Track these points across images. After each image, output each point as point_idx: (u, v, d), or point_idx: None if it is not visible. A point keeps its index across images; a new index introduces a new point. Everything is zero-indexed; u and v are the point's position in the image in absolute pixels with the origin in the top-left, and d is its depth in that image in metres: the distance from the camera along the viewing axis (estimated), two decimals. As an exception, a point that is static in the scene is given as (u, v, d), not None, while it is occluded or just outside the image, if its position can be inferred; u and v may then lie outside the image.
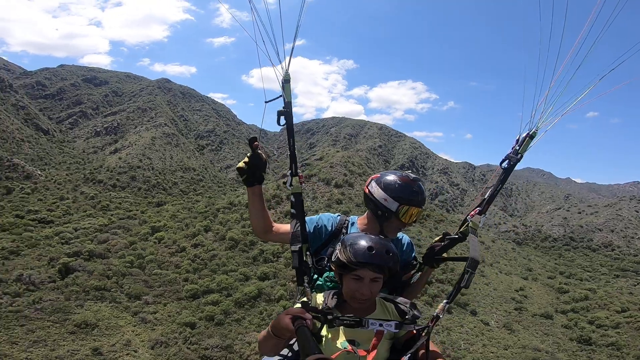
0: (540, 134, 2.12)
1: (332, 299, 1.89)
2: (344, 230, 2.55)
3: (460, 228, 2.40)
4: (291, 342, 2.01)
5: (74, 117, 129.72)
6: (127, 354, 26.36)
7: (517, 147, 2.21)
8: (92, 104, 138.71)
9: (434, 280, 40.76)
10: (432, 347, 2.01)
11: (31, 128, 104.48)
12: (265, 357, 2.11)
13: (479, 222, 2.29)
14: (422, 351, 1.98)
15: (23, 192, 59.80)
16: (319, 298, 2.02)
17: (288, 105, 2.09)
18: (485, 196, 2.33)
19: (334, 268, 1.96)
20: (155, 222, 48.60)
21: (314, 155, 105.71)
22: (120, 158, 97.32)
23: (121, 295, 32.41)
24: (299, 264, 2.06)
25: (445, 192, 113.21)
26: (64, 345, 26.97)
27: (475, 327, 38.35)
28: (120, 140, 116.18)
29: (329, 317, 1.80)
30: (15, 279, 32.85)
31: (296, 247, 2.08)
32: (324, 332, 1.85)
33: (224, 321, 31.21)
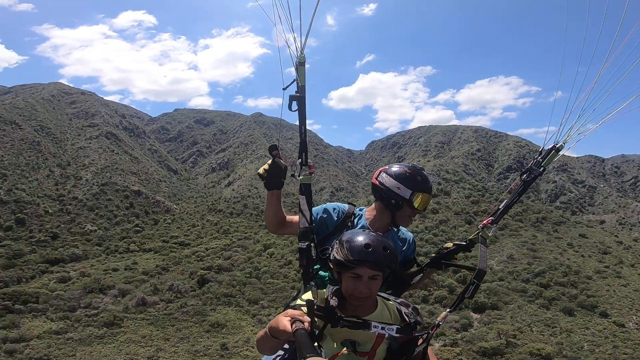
0: (566, 148, 2.01)
1: (333, 297, 1.86)
2: (351, 220, 2.56)
3: (471, 236, 2.40)
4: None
5: (193, 156, 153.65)
6: (247, 350, 30.94)
7: (540, 160, 2.15)
8: (205, 143, 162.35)
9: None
10: (430, 354, 2.04)
11: (164, 169, 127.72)
12: (265, 356, 2.09)
13: (490, 232, 2.24)
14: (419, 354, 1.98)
15: (166, 222, 74.40)
16: (322, 294, 1.97)
17: (301, 90, 2.03)
18: (501, 206, 2.27)
19: (332, 266, 1.92)
20: (266, 241, 55.65)
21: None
22: (233, 189, 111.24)
23: (243, 300, 38.37)
24: (307, 262, 2.04)
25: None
26: (201, 341, 32.83)
27: (604, 328, 35.37)
28: (231, 174, 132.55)
29: (334, 317, 1.78)
30: (167, 288, 41.48)
31: (304, 245, 2.05)
32: (326, 330, 1.81)
33: None
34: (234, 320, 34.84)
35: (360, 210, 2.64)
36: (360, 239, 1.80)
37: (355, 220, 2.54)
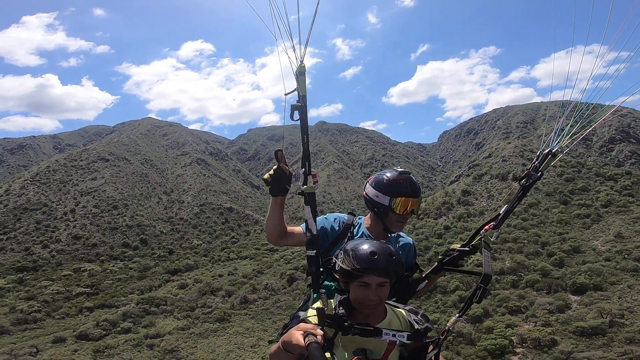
0: (563, 152, 2.04)
1: (340, 306, 1.83)
2: (351, 230, 2.56)
3: (472, 240, 2.43)
4: None
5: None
6: None
7: (538, 165, 2.17)
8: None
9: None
10: (440, 359, 2.04)
11: (248, 186, 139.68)
12: None
13: (492, 236, 2.26)
14: None
15: (256, 232, 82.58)
16: (330, 304, 1.93)
17: (303, 100, 2.03)
18: (501, 211, 2.27)
19: (338, 277, 1.90)
20: None
21: (483, 153, 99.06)
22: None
23: None
24: (316, 270, 2.04)
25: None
26: (293, 332, 37.24)
27: None
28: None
29: (345, 324, 1.76)
30: (263, 287, 46.86)
31: (312, 253, 2.05)
32: (337, 339, 1.79)
33: None
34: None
35: (360, 219, 2.68)
36: (366, 247, 1.80)
37: (355, 230, 2.58)
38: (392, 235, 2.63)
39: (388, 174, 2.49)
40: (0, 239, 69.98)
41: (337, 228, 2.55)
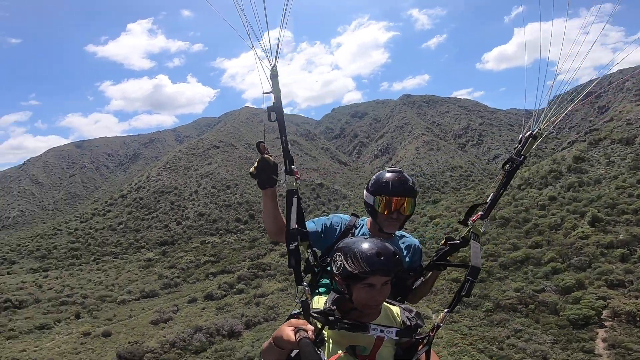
0: (544, 135, 2.07)
1: (334, 304, 1.83)
2: (352, 231, 2.56)
3: (463, 233, 2.43)
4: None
5: (357, 147, 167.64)
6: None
7: (520, 148, 2.15)
8: (364, 134, 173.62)
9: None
10: (433, 356, 2.03)
11: (336, 163, 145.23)
12: None
13: (482, 226, 2.27)
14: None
15: (344, 206, 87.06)
16: (321, 300, 1.97)
17: (278, 101, 2.07)
18: (488, 200, 2.28)
19: (337, 279, 1.84)
20: (432, 213, 58.86)
21: (603, 118, 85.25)
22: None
23: None
24: (295, 263, 2.02)
25: None
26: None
27: None
28: (393, 157, 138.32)
29: (331, 318, 1.76)
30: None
31: (292, 246, 2.04)
32: (326, 335, 1.80)
33: (486, 279, 36.17)
34: None
35: (362, 220, 2.66)
36: (368, 247, 1.76)
37: (357, 231, 2.56)
38: (396, 235, 2.63)
39: (377, 174, 2.55)
40: (146, 218, 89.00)
41: (339, 228, 2.57)
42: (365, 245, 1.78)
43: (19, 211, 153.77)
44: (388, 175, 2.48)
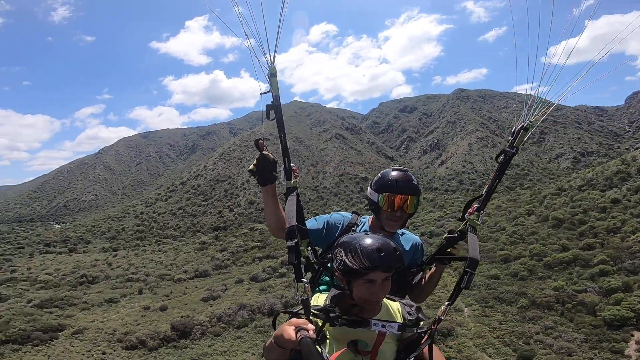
0: (534, 126, 2.11)
1: (333, 300, 1.83)
2: (353, 229, 2.57)
3: (460, 227, 2.39)
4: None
5: (405, 142, 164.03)
6: (444, 293, 36.57)
7: (512, 141, 2.19)
8: (412, 129, 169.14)
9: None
10: (435, 352, 2.01)
11: (382, 157, 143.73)
12: None
13: (478, 219, 2.27)
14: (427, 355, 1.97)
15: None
16: (321, 298, 1.98)
17: (276, 99, 2.10)
18: (483, 192, 2.29)
19: (338, 275, 1.83)
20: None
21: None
22: (447, 167, 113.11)
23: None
24: (296, 260, 2.01)
25: None
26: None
27: None
28: (443, 153, 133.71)
29: (331, 314, 1.75)
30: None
31: (292, 243, 2.03)
32: (327, 331, 1.80)
33: (527, 277, 34.75)
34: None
35: (364, 218, 2.70)
36: (369, 243, 1.75)
37: (358, 229, 2.58)
38: (398, 232, 2.63)
39: (382, 172, 2.57)
40: (203, 204, 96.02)
41: (340, 226, 2.59)
42: (366, 241, 1.77)
43: (93, 195, 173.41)
44: (393, 173, 2.51)
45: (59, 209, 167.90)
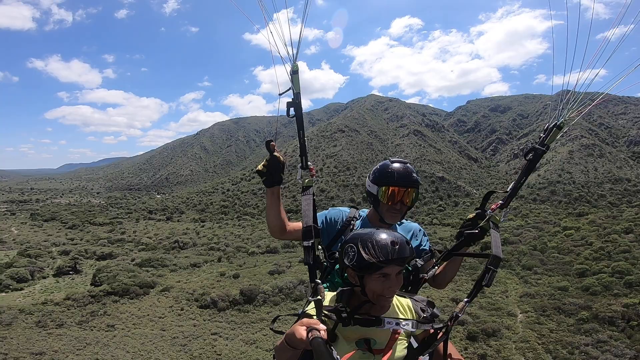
0: (569, 125, 2.03)
1: (343, 298, 1.80)
2: (353, 223, 2.53)
3: (480, 223, 2.31)
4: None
5: (493, 144, 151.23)
6: (502, 297, 33.63)
7: (544, 138, 2.11)
8: (503, 130, 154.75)
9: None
10: (450, 348, 1.96)
11: (464, 158, 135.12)
12: None
13: (501, 216, 2.20)
14: (442, 352, 1.93)
15: (465, 204, 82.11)
16: (328, 297, 1.92)
17: (297, 97, 2.09)
18: (508, 189, 2.21)
19: (350, 271, 1.79)
20: (568, 224, 51.21)
21: None
22: (539, 175, 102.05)
23: (517, 266, 40.54)
24: (313, 261, 2.00)
25: None
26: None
27: None
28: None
29: (343, 315, 1.73)
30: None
31: (309, 243, 2.02)
32: (338, 331, 1.77)
33: (599, 292, 31.95)
34: (500, 276, 38.10)
35: (362, 211, 2.66)
36: (383, 237, 1.73)
37: (358, 223, 2.54)
38: (396, 224, 2.58)
39: (381, 163, 2.54)
40: (280, 187, 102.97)
41: (339, 221, 2.56)
42: (379, 235, 1.74)
43: (189, 170, 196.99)
44: (393, 165, 2.47)
45: (161, 181, 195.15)
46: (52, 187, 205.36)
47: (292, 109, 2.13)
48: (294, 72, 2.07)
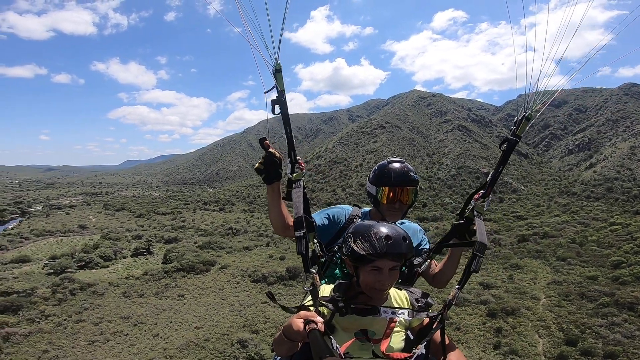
0: (534, 117, 2.14)
1: (340, 289, 1.83)
2: (356, 220, 2.55)
3: (465, 213, 2.36)
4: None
5: (546, 139, 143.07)
6: (529, 284, 34.31)
7: (515, 129, 2.19)
8: (558, 125, 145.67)
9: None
10: (446, 338, 1.97)
11: (514, 153, 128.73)
12: (278, 358, 2.05)
13: (484, 205, 2.26)
14: (438, 341, 1.94)
15: (510, 201, 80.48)
16: (327, 289, 1.94)
17: (281, 94, 2.09)
18: (487, 179, 2.31)
19: (347, 261, 1.84)
20: (619, 220, 49.48)
21: None
22: (595, 171, 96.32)
23: (552, 257, 40.33)
24: (305, 250, 2.02)
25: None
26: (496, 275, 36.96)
27: None
28: (595, 155, 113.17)
29: (340, 304, 1.75)
30: (495, 243, 49.22)
31: (300, 233, 2.05)
32: (336, 321, 1.80)
33: (629, 282, 31.65)
34: (532, 266, 38.27)
35: (365, 210, 2.70)
36: (379, 230, 1.74)
37: (359, 221, 2.50)
38: (398, 222, 2.57)
39: (379, 164, 2.58)
40: (321, 181, 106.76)
41: (342, 219, 2.58)
42: (377, 228, 1.76)
43: (237, 166, 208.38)
44: (391, 166, 2.52)
45: (212, 176, 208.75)
46: (117, 181, 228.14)
47: (277, 106, 2.12)
48: (277, 71, 2.06)
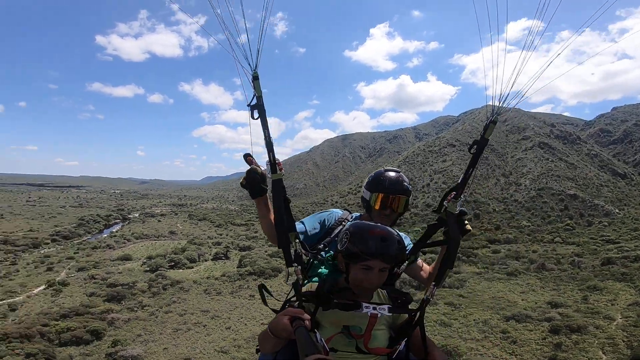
0: (499, 120, 2.24)
1: (325, 285, 1.88)
2: (344, 223, 2.63)
3: (438, 214, 2.42)
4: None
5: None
6: (607, 305, 32.09)
7: (483, 132, 2.28)
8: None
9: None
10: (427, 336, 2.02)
11: (608, 173, 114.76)
12: (262, 355, 2.10)
13: (456, 206, 2.33)
14: (419, 341, 1.99)
15: (601, 224, 71.53)
16: (313, 286, 2.02)
17: (259, 100, 2.17)
18: (459, 180, 2.38)
19: (340, 256, 1.91)
20: None
21: None
22: None
23: (638, 279, 36.56)
24: (285, 243, 2.07)
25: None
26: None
27: None
28: None
29: (323, 298, 1.80)
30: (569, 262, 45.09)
31: (281, 228, 2.13)
32: (319, 316, 1.85)
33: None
34: (614, 288, 35.28)
35: (355, 215, 2.81)
36: (376, 231, 1.80)
37: (348, 224, 2.49)
38: None
39: (375, 172, 2.73)
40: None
41: (330, 222, 2.68)
42: (375, 229, 1.84)
43: (303, 184, 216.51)
44: (386, 173, 2.67)
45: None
46: (198, 195, 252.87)
47: (255, 112, 2.17)
48: (255, 79, 2.12)
